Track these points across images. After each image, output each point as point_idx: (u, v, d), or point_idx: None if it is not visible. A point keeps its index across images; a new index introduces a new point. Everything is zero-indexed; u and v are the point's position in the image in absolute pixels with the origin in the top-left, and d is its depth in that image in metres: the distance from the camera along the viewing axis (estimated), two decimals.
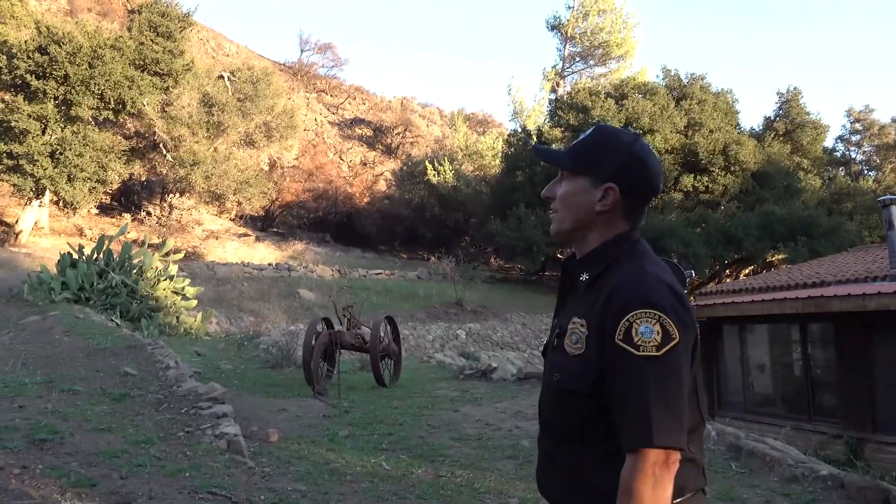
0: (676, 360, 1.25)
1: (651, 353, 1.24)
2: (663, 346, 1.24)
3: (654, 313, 1.26)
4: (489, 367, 9.89)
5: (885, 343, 8.92)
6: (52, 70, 21.19)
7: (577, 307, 1.40)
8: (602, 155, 1.44)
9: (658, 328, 1.25)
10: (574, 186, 1.46)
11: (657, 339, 1.25)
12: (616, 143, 1.45)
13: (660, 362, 1.24)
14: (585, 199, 1.44)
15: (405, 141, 48.10)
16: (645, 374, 1.24)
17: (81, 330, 9.46)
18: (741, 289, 14.63)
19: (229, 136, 28.35)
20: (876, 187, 32.17)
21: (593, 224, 1.44)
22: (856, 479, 4.52)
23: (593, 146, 1.46)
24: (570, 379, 1.35)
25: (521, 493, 4.47)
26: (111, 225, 25.88)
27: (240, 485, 4.08)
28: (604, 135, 1.48)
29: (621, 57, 39.64)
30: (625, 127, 25.32)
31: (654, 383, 1.23)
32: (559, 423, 1.41)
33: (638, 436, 1.22)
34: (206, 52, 43.32)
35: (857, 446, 8.64)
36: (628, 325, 1.26)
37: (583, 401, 1.33)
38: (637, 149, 1.44)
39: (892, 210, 11.73)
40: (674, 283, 1.34)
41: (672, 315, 1.27)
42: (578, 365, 1.34)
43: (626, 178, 1.42)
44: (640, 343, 1.25)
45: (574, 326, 1.37)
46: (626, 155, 1.43)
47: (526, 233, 26.79)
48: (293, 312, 19.36)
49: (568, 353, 1.36)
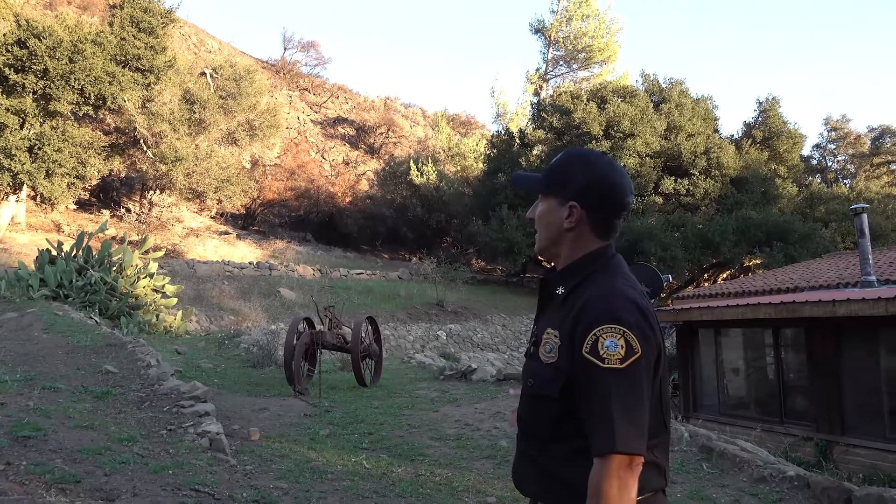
0: (638, 373, 1.37)
1: (615, 365, 1.36)
2: (626, 360, 1.36)
3: (619, 328, 1.38)
4: (469, 368, 9.98)
5: (853, 348, 9.15)
6: (31, 64, 20.95)
7: (552, 318, 1.52)
8: (567, 176, 1.57)
9: (622, 342, 1.37)
10: (546, 207, 1.60)
11: (621, 352, 1.36)
12: (581, 165, 1.58)
13: (623, 374, 1.35)
14: (555, 218, 1.58)
15: (388, 141, 48.10)
16: (609, 385, 1.35)
17: (61, 327, 9.42)
18: (717, 293, 14.87)
19: (211, 133, 28.19)
20: (850, 194, 32.75)
21: (563, 239, 1.57)
22: (821, 479, 4.68)
23: (560, 169, 1.60)
24: (542, 385, 1.48)
25: (498, 492, 4.58)
26: (89, 221, 25.63)
27: (222, 482, 4.14)
28: (571, 158, 1.61)
29: (604, 61, 40.00)
30: (606, 130, 25.42)
31: (617, 394, 1.35)
32: (532, 425, 1.54)
33: (603, 442, 1.34)
34: (188, 48, 43.00)
35: (827, 448, 8.86)
36: (595, 339, 1.38)
37: (553, 405, 1.46)
38: (600, 167, 1.56)
39: (864, 218, 12.00)
40: (640, 299, 1.46)
41: (636, 331, 1.38)
42: (550, 372, 1.47)
43: (587, 196, 1.54)
44: (605, 356, 1.36)
45: (548, 336, 1.49)
46: (589, 175, 1.55)
47: (507, 234, 26.95)
48: (274, 311, 19.33)
49: (542, 361, 1.50)
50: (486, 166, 33.19)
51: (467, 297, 24.29)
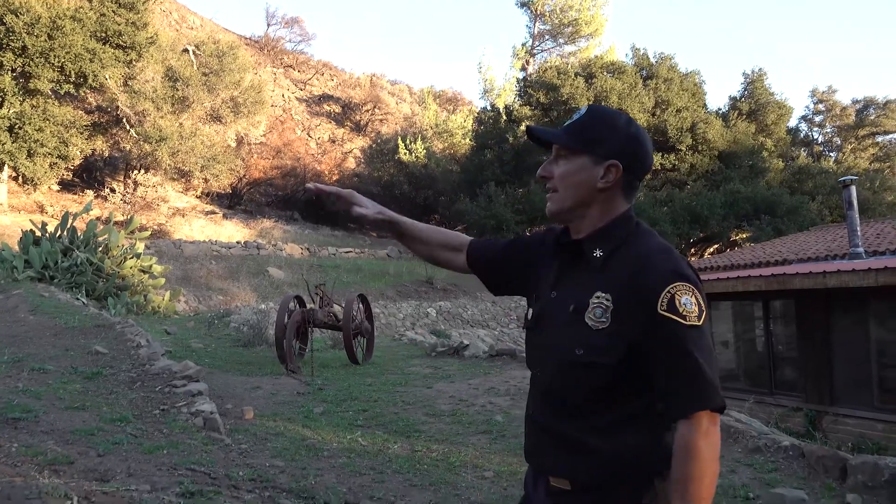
0: (708, 329, 1.35)
1: (695, 322, 1.32)
2: (701, 315, 1.33)
3: (689, 286, 1.34)
4: (461, 344, 9.98)
5: (843, 319, 9.22)
6: (8, 41, 20.53)
7: (595, 282, 1.41)
8: (602, 133, 1.47)
9: (695, 299, 1.33)
10: (575, 165, 1.48)
11: (696, 309, 1.33)
12: (614, 122, 1.49)
13: (702, 331, 1.33)
14: (587, 177, 1.46)
15: (374, 118, 47.71)
16: (693, 342, 1.31)
17: (47, 309, 9.30)
18: (706, 267, 14.93)
19: (195, 111, 27.82)
20: (836, 168, 32.91)
21: (594, 201, 1.47)
22: (815, 449, 4.71)
23: (592, 125, 1.49)
24: (596, 353, 1.37)
25: (495, 467, 4.57)
26: (73, 202, 25.29)
27: (218, 461, 4.11)
28: (600, 114, 1.51)
29: (590, 35, 39.73)
30: None
31: (702, 351, 1.32)
32: (564, 396, 1.43)
33: (694, 401, 1.31)
34: (169, 24, 42.26)
35: (816, 418, 8.96)
36: (671, 297, 1.32)
37: (603, 373, 1.37)
38: (634, 128, 1.49)
39: (852, 190, 12.05)
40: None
41: (699, 288, 1.36)
42: (604, 339, 1.37)
43: (626, 156, 1.46)
44: (685, 313, 1.32)
45: (598, 301, 1.39)
46: (625, 133, 1.47)
47: (495, 211, 26.89)
48: (263, 291, 19.24)
49: (591, 327, 1.38)
50: (474, 143, 33.02)
51: (456, 275, 24.15)
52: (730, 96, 34.26)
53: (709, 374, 1.31)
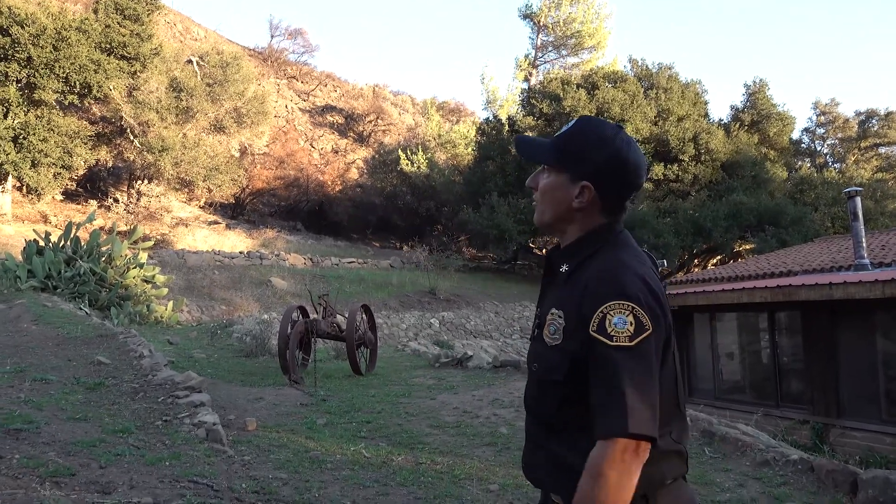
0: (649, 351, 1.27)
1: (624, 343, 1.26)
2: (636, 337, 1.26)
3: (627, 304, 1.28)
4: (464, 355, 9.93)
5: (849, 331, 9.16)
6: (14, 52, 20.61)
7: (555, 298, 1.42)
8: (581, 151, 1.44)
9: (631, 319, 1.27)
10: (554, 181, 1.47)
11: (630, 329, 1.27)
12: (596, 140, 1.44)
13: (632, 352, 1.26)
14: (564, 195, 1.45)
15: (377, 129, 47.81)
16: (618, 364, 1.26)
17: (50, 318, 9.28)
18: (711, 278, 14.88)
19: (199, 121, 27.89)
20: (839, 178, 32.87)
21: (572, 218, 1.46)
22: (825, 462, 4.65)
23: (574, 141, 1.45)
24: (547, 369, 1.39)
25: (501, 480, 4.52)
26: (77, 212, 25.33)
27: (220, 473, 4.06)
28: (586, 129, 1.46)
29: (593, 47, 39.85)
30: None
31: (627, 373, 1.25)
32: (538, 409, 1.45)
33: (611, 424, 1.24)
34: (173, 35, 42.48)
35: (823, 431, 8.89)
36: (602, 316, 1.28)
37: (558, 389, 1.37)
38: (617, 146, 1.43)
39: (857, 201, 12.03)
40: (649, 275, 1.36)
41: (645, 307, 1.29)
42: (555, 355, 1.37)
43: (602, 177, 1.42)
44: (613, 334, 1.27)
45: (552, 318, 1.39)
46: (605, 153, 1.42)
47: (498, 221, 26.88)
48: (266, 301, 19.21)
49: (546, 343, 1.39)
50: (477, 153, 33.05)
51: (459, 285, 24.24)
52: (731, 106, 34.25)
53: (629, 399, 1.24)
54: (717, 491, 4.43)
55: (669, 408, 1.38)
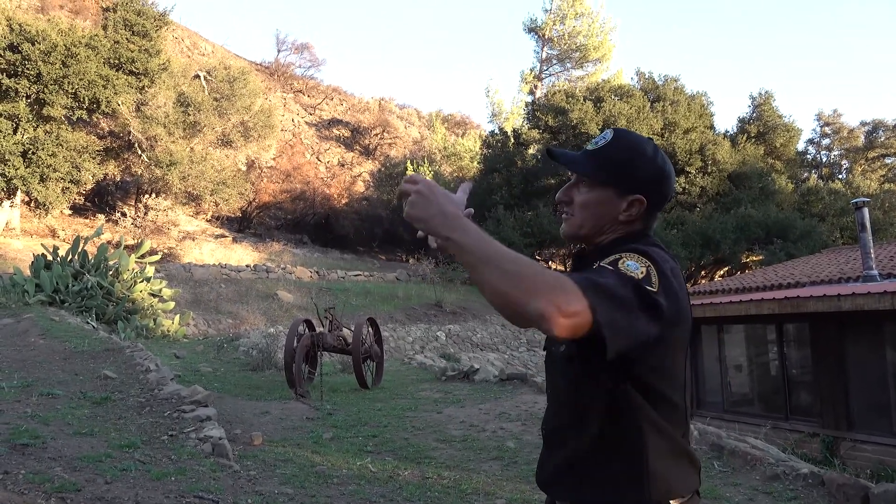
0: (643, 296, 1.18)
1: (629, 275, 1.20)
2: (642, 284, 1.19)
3: (644, 259, 1.25)
4: (471, 368, 9.89)
5: (858, 343, 9.09)
6: (24, 68, 20.81)
7: None
8: (628, 166, 1.43)
9: (644, 270, 1.22)
10: (598, 196, 1.44)
11: (638, 275, 1.20)
12: (642, 155, 1.44)
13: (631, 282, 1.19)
14: (611, 209, 1.44)
15: (383, 142, 47.98)
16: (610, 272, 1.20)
17: (57, 333, 9.30)
18: (718, 290, 14.82)
19: (206, 135, 28.07)
20: (846, 189, 32.77)
21: (613, 229, 1.45)
22: (836, 476, 4.60)
23: (618, 155, 1.44)
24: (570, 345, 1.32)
25: (508, 494, 4.49)
26: (85, 226, 25.46)
27: (226, 488, 4.05)
28: (627, 143, 1.46)
29: (598, 60, 39.99)
30: (602, 130, 25.19)
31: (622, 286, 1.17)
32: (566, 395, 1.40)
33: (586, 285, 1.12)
34: (181, 51, 42.83)
35: (833, 444, 8.80)
36: (617, 258, 1.25)
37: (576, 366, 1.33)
38: (660, 160, 1.45)
39: (865, 212, 11.97)
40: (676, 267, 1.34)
41: (662, 274, 1.24)
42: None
43: (651, 190, 1.43)
44: (623, 270, 1.21)
45: None
46: (653, 167, 1.44)
47: (504, 234, 26.84)
48: (272, 314, 19.21)
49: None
50: (482, 166, 33.12)
51: (466, 298, 24.20)
52: (738, 118, 34.25)
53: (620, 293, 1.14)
54: None
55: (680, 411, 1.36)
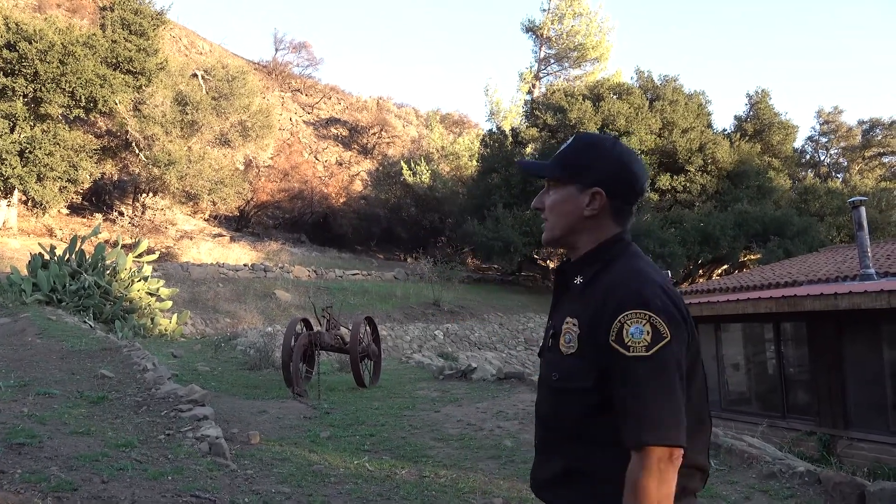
0: (668, 359, 1.28)
1: (641, 353, 1.28)
2: (653, 346, 1.28)
3: (644, 313, 1.30)
4: (469, 367, 9.90)
5: (855, 342, 9.11)
6: (21, 67, 20.77)
7: (571, 308, 1.43)
8: (585, 161, 1.49)
9: (648, 328, 1.28)
10: (562, 194, 1.51)
11: (647, 339, 1.28)
12: (598, 150, 1.50)
13: (650, 362, 1.27)
14: (574, 206, 1.49)
15: (381, 141, 47.96)
16: (636, 374, 1.27)
17: (54, 332, 9.29)
18: (715, 288, 14.83)
19: (204, 135, 28.02)
20: (844, 188, 32.81)
21: (583, 228, 1.49)
22: (832, 475, 4.61)
23: (576, 154, 1.51)
24: (567, 377, 1.39)
25: (505, 493, 4.49)
26: (82, 225, 25.42)
27: (223, 487, 4.05)
28: (585, 142, 1.54)
29: (596, 59, 39.95)
30: (601, 129, 25.32)
31: (646, 383, 1.26)
32: (556, 421, 1.44)
33: (637, 434, 1.25)
34: (178, 50, 42.76)
35: (830, 443, 8.82)
36: (620, 326, 1.30)
37: (584, 397, 1.36)
38: (618, 152, 1.49)
39: (862, 211, 11.99)
40: (665, 282, 1.38)
41: (663, 315, 1.30)
42: (574, 363, 1.37)
43: (610, 182, 1.47)
44: (630, 344, 1.28)
45: (567, 326, 1.40)
46: (609, 159, 1.48)
47: (503, 233, 26.87)
48: (270, 313, 19.21)
49: (563, 352, 1.40)
50: (480, 165, 33.12)
51: (464, 297, 24.22)
52: (735, 116, 34.27)
53: (650, 408, 1.25)
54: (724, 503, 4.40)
55: (698, 419, 1.39)
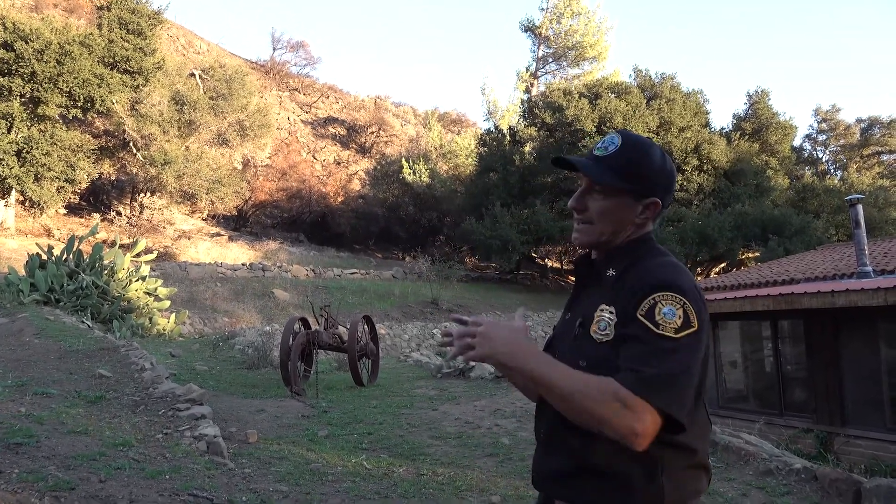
0: (691, 347, 1.27)
1: (669, 333, 1.26)
2: (682, 331, 1.27)
3: (679, 298, 1.30)
4: (467, 366, 9.89)
5: (852, 339, 9.12)
6: (18, 67, 20.75)
7: (603, 297, 1.41)
8: (641, 170, 1.46)
9: (681, 312, 1.28)
10: (616, 203, 1.47)
11: (678, 322, 1.27)
12: (652, 159, 1.47)
13: (676, 343, 1.26)
14: (628, 214, 1.47)
15: (379, 140, 47.95)
16: (658, 348, 1.26)
17: (52, 332, 9.28)
18: (713, 286, 14.85)
19: (201, 134, 28.01)
20: (842, 187, 32.85)
21: (626, 231, 1.48)
22: (828, 471, 4.62)
23: (630, 160, 1.46)
24: (597, 365, 1.34)
25: (502, 491, 4.50)
26: (80, 225, 25.40)
27: (221, 486, 4.05)
28: (636, 147, 1.48)
29: (594, 59, 39.99)
30: (598, 127, 25.16)
31: (664, 359, 1.25)
32: None
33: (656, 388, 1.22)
34: (176, 49, 42.71)
35: (827, 440, 8.83)
36: (652, 304, 1.30)
37: None
38: (668, 163, 1.50)
39: (859, 209, 12.00)
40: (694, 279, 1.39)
41: (694, 303, 1.30)
42: (606, 351, 1.34)
43: (664, 192, 1.48)
44: (661, 322, 1.27)
45: (601, 314, 1.38)
46: (663, 171, 1.48)
47: (501, 232, 26.89)
48: (268, 312, 19.20)
49: (595, 340, 1.37)
50: (478, 164, 33.13)
51: (462, 295, 24.23)
52: (734, 115, 34.28)
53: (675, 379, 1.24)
54: (721, 500, 4.41)
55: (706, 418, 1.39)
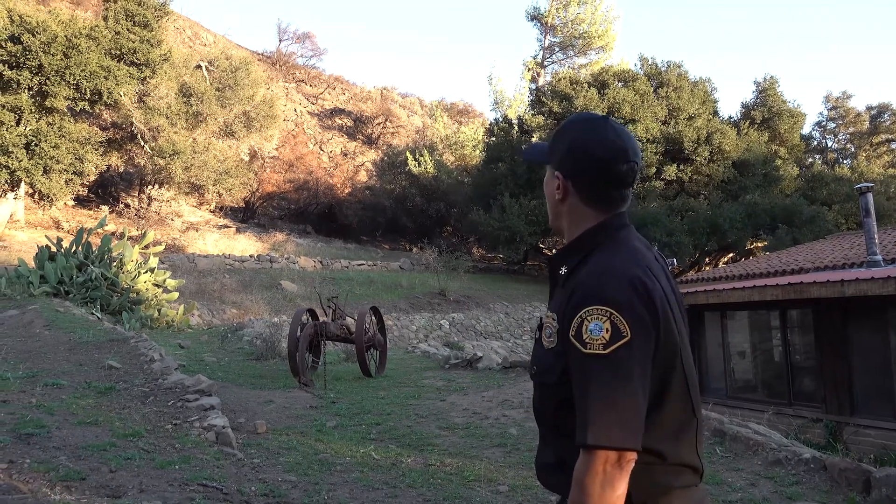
0: (626, 359, 1.22)
1: (597, 351, 1.22)
2: (611, 345, 1.22)
3: (605, 310, 1.24)
4: (474, 356, 9.91)
5: (861, 328, 9.07)
6: (25, 60, 20.77)
7: (554, 301, 1.40)
8: (555, 143, 1.45)
9: (608, 326, 1.23)
10: (546, 177, 1.49)
11: (605, 336, 1.23)
12: (564, 130, 1.45)
13: (606, 361, 1.22)
14: (550, 190, 1.46)
15: (386, 131, 47.89)
16: (590, 372, 1.23)
17: (62, 324, 9.34)
18: (722, 276, 14.79)
19: (208, 126, 28.04)
20: (852, 175, 32.58)
21: (560, 213, 1.46)
22: (838, 461, 4.60)
23: (555, 134, 1.47)
24: (543, 372, 1.36)
25: (510, 481, 4.51)
26: (88, 217, 25.51)
27: (230, 476, 4.08)
28: (567, 122, 1.47)
29: (601, 48, 39.74)
30: (605, 116, 25.28)
31: (599, 383, 1.22)
32: (540, 414, 1.43)
33: (582, 434, 1.21)
34: (182, 41, 42.72)
35: (837, 429, 8.80)
36: (580, 322, 1.25)
37: (549, 393, 1.35)
38: (580, 131, 1.41)
39: (869, 197, 11.91)
40: (642, 277, 1.29)
41: (626, 313, 1.24)
42: (551, 358, 1.34)
43: (567, 164, 1.41)
44: (587, 340, 1.23)
45: (547, 321, 1.37)
46: (569, 140, 1.42)
47: (509, 222, 26.83)
48: (276, 304, 19.27)
49: (544, 346, 1.36)
50: (485, 154, 33.02)
51: (469, 286, 24.22)
52: (742, 104, 33.95)
53: (602, 408, 1.20)
54: (729, 490, 4.40)
55: (683, 416, 1.33)
